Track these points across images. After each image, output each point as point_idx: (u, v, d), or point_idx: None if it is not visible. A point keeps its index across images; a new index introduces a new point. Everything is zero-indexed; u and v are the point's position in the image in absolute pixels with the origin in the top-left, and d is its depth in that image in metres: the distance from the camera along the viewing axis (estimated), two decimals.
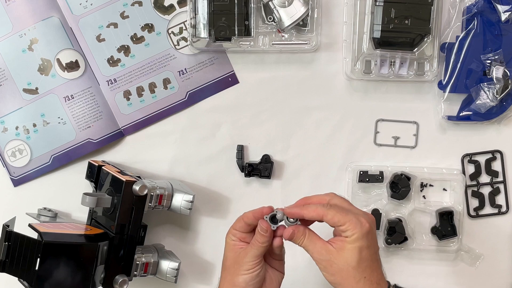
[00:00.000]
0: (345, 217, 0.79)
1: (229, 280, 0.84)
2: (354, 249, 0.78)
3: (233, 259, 0.85)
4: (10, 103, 1.03)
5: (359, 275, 0.78)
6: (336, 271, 0.79)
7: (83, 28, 1.03)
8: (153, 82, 1.04)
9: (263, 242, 0.83)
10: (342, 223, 0.78)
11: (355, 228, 0.78)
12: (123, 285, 0.92)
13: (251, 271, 0.83)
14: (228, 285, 0.84)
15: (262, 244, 0.83)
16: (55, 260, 0.86)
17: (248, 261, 0.83)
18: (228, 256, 0.85)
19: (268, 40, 1.01)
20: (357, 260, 0.78)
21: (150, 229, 1.03)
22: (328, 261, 0.79)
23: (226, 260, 0.86)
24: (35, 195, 1.05)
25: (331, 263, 0.79)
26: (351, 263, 0.78)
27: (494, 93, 0.99)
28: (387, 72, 1.01)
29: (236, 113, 1.05)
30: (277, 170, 1.05)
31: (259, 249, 0.83)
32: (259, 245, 0.83)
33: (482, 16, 0.99)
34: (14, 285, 0.91)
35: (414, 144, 1.05)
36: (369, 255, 0.79)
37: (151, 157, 1.05)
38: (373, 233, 0.80)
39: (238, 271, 0.83)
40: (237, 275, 0.83)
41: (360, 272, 0.78)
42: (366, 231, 0.78)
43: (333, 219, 0.79)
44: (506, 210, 1.06)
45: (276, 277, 0.87)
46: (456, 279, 1.07)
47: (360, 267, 0.78)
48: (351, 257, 0.78)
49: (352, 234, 0.78)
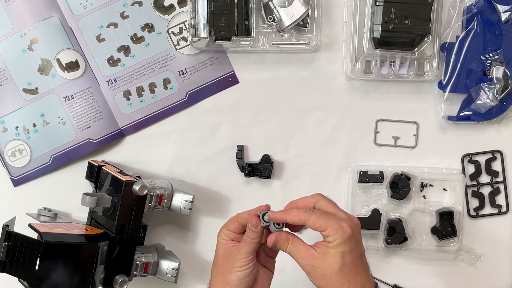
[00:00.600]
0: (327, 223, 0.79)
1: (221, 278, 0.84)
2: (336, 254, 0.78)
3: (225, 257, 0.85)
4: (10, 103, 1.03)
5: (342, 279, 0.79)
6: (320, 275, 0.80)
7: (83, 28, 1.03)
8: (153, 82, 1.04)
9: (254, 238, 0.83)
10: (324, 229, 0.79)
11: (337, 234, 0.78)
12: (123, 285, 0.92)
13: (244, 268, 0.83)
14: (220, 283, 0.84)
15: (253, 240, 0.83)
16: (55, 260, 0.86)
17: (241, 258, 0.83)
18: (220, 255, 0.86)
19: (268, 40, 1.01)
20: (340, 265, 0.79)
21: (150, 229, 1.03)
22: (312, 266, 0.80)
23: (218, 259, 0.86)
24: (35, 195, 1.05)
25: (315, 268, 0.80)
26: (334, 268, 0.79)
27: (494, 93, 0.99)
28: (387, 72, 1.01)
29: (236, 113, 1.05)
30: (277, 170, 1.05)
31: (251, 245, 0.83)
32: (251, 241, 0.83)
33: (482, 16, 0.99)
34: (14, 285, 0.91)
35: (414, 144, 1.05)
36: (352, 259, 0.79)
37: (151, 157, 1.05)
38: (356, 238, 0.80)
39: (231, 268, 0.83)
40: (230, 272, 0.83)
41: (343, 276, 0.79)
42: (348, 236, 0.78)
43: (315, 225, 0.79)
44: (506, 210, 1.06)
45: (267, 276, 0.87)
46: (456, 279, 1.07)
47: (343, 271, 0.79)
48: (334, 262, 0.79)
49: (334, 240, 0.78)
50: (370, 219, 1.03)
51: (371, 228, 1.02)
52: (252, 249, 0.84)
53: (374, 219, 1.03)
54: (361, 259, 0.81)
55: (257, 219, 0.83)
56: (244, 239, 0.84)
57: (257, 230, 0.83)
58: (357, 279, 0.80)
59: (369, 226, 1.02)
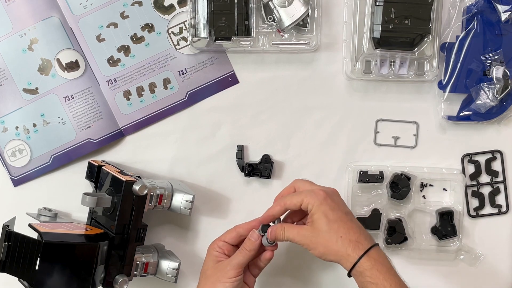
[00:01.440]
0: (300, 196, 0.86)
1: (209, 287, 0.87)
2: (319, 216, 0.83)
3: (214, 268, 0.88)
4: (10, 103, 1.03)
5: (334, 236, 0.83)
6: (316, 244, 0.84)
7: (83, 28, 1.03)
8: (153, 82, 1.04)
9: (251, 249, 0.88)
10: (301, 202, 0.85)
11: (311, 199, 0.84)
12: (123, 285, 0.92)
13: (233, 280, 0.86)
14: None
15: (250, 252, 0.88)
16: (55, 260, 0.86)
17: (231, 269, 0.86)
18: (210, 266, 0.89)
19: (268, 40, 1.01)
20: (326, 223, 0.83)
21: (150, 229, 1.03)
22: (307, 239, 0.84)
23: (207, 269, 0.89)
24: (35, 195, 1.05)
25: (310, 238, 0.84)
26: (323, 229, 0.83)
27: (494, 93, 0.99)
28: (387, 72, 1.01)
29: (236, 113, 1.05)
30: (277, 170, 1.05)
31: (245, 256, 0.87)
32: (246, 252, 0.87)
33: (482, 16, 0.99)
34: (14, 285, 0.91)
35: (414, 144, 1.05)
36: (337, 216, 0.84)
37: (151, 157, 1.05)
38: (332, 198, 0.85)
39: (220, 278, 0.86)
40: (219, 282, 0.86)
41: (334, 233, 0.83)
42: (322, 197, 0.84)
43: (291, 204, 0.86)
44: (506, 210, 1.06)
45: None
46: (456, 279, 1.07)
47: (332, 228, 0.83)
48: (320, 224, 0.83)
49: (312, 206, 0.84)
50: (370, 219, 1.03)
51: (371, 228, 1.02)
52: (245, 260, 0.88)
53: (374, 219, 1.03)
54: (347, 216, 0.85)
55: (257, 233, 0.89)
56: (241, 250, 0.88)
57: (257, 242, 0.88)
58: (350, 234, 0.83)
59: (369, 226, 1.02)
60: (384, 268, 0.82)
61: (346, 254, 0.83)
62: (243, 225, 0.91)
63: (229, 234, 0.90)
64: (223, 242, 0.90)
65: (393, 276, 0.82)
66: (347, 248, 0.82)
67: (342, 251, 0.83)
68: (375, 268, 0.82)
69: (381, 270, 0.82)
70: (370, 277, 0.81)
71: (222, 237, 0.91)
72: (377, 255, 0.83)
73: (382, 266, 0.82)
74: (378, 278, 0.81)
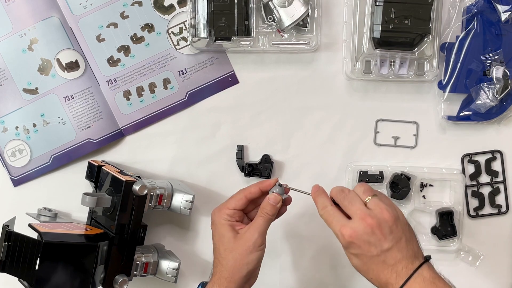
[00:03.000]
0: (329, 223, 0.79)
1: (239, 260, 0.82)
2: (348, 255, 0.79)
3: (237, 238, 0.83)
4: (10, 103, 1.03)
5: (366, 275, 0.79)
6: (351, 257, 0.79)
7: (83, 28, 1.03)
8: (153, 82, 1.04)
9: (274, 213, 0.84)
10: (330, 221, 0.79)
11: (338, 238, 0.78)
12: (123, 285, 0.92)
13: (263, 247, 0.83)
14: (239, 265, 0.82)
15: (272, 216, 0.84)
16: (55, 260, 0.86)
17: (259, 236, 0.82)
18: (229, 237, 0.84)
19: (268, 40, 1.01)
20: (355, 265, 0.79)
21: (150, 229, 1.03)
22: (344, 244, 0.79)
23: (228, 242, 0.84)
24: (35, 195, 1.05)
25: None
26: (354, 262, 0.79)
27: (494, 93, 0.99)
28: (387, 72, 1.01)
29: (236, 113, 1.05)
30: (277, 170, 1.05)
31: (269, 222, 0.84)
32: (269, 218, 0.83)
33: (482, 16, 0.99)
34: (14, 285, 0.91)
35: (414, 144, 1.05)
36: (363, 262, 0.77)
37: (151, 157, 1.05)
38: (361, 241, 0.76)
39: (250, 248, 0.82)
40: (250, 253, 0.82)
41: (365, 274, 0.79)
42: (346, 243, 0.77)
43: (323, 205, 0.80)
44: (506, 210, 1.06)
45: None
46: (456, 279, 1.06)
47: (361, 271, 0.78)
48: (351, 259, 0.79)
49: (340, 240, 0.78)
50: None
51: None
52: (268, 225, 0.84)
53: None
54: (378, 257, 0.77)
55: (278, 195, 0.84)
56: (263, 216, 0.83)
57: (278, 206, 0.84)
58: (380, 277, 0.77)
59: None
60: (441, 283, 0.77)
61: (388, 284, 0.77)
62: (251, 189, 0.86)
63: (238, 201, 0.85)
64: (233, 210, 0.85)
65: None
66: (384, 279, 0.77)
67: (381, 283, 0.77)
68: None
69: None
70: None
71: (228, 204, 0.86)
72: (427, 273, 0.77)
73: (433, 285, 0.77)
74: None
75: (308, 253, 1.06)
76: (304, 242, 1.06)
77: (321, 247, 1.06)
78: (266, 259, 0.86)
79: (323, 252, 1.06)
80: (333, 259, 1.06)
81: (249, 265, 0.82)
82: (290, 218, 1.02)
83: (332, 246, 1.05)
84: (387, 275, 0.77)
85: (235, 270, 0.83)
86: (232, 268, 0.83)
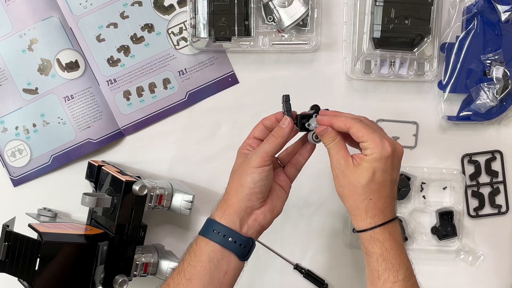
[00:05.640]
0: (370, 135, 0.78)
1: (237, 180, 0.81)
2: (368, 168, 0.78)
3: (242, 162, 0.82)
4: (10, 103, 1.03)
5: (365, 194, 0.78)
6: (346, 183, 0.80)
7: (83, 28, 1.03)
8: (153, 82, 1.04)
9: (278, 136, 0.81)
10: (365, 140, 0.78)
11: (376, 148, 0.78)
12: (123, 285, 0.92)
13: (260, 170, 0.79)
14: (235, 186, 0.81)
15: (277, 138, 0.81)
16: (55, 260, 0.86)
17: (257, 157, 0.80)
18: (237, 162, 0.84)
19: (268, 40, 1.01)
20: (368, 180, 0.78)
21: (150, 229, 1.03)
22: (342, 172, 0.80)
23: (235, 165, 0.84)
24: (35, 195, 1.05)
25: (344, 174, 0.79)
26: (362, 181, 0.78)
27: (494, 93, 0.99)
28: (387, 72, 1.01)
29: (236, 113, 1.05)
30: None
31: (272, 143, 0.81)
32: (274, 139, 0.81)
33: (482, 16, 0.99)
34: (14, 285, 0.91)
35: (414, 144, 1.05)
36: (382, 179, 0.78)
37: (151, 157, 1.05)
38: (393, 160, 0.78)
39: (246, 169, 0.80)
40: (245, 174, 0.80)
41: (367, 192, 0.78)
42: (386, 155, 0.78)
43: (358, 133, 0.79)
44: (506, 210, 1.06)
45: (282, 195, 0.85)
46: (456, 279, 1.07)
47: (369, 187, 0.78)
48: (363, 175, 0.78)
49: (371, 153, 0.78)
50: None
51: None
52: (271, 148, 0.81)
53: None
54: (391, 184, 0.79)
55: (290, 119, 0.83)
56: (267, 138, 0.82)
57: (287, 129, 0.82)
58: (379, 201, 0.79)
59: None
60: (396, 245, 0.79)
61: (364, 216, 0.79)
62: (270, 116, 0.85)
63: (256, 128, 0.84)
64: (252, 139, 0.84)
65: (403, 256, 0.79)
66: (368, 212, 0.78)
67: (361, 211, 0.79)
68: (388, 242, 0.78)
69: (393, 247, 0.78)
70: (380, 248, 0.78)
71: (250, 134, 0.85)
72: (393, 229, 0.79)
73: (395, 243, 0.79)
74: (388, 254, 0.78)
75: (309, 252, 1.06)
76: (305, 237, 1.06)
77: (321, 247, 1.06)
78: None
79: (323, 252, 1.06)
80: (334, 259, 1.06)
81: (243, 187, 0.80)
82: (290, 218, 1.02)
83: (332, 245, 1.05)
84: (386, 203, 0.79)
85: (232, 191, 0.81)
86: (230, 190, 0.81)
